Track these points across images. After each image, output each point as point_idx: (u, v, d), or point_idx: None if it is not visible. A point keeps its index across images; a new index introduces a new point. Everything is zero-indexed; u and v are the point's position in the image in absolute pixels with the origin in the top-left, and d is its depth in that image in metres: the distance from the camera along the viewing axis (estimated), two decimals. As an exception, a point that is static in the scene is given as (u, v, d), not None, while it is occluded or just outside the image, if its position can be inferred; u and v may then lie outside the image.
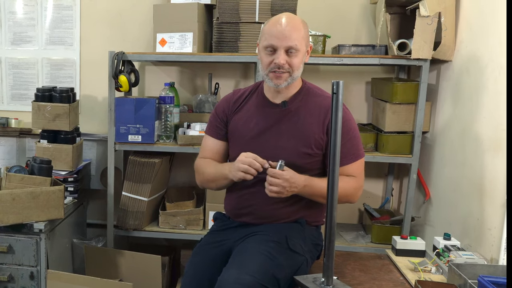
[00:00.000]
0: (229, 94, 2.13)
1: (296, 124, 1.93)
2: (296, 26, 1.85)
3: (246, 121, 2.00)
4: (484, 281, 1.54)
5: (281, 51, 1.84)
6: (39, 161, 2.54)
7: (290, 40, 1.83)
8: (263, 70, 1.91)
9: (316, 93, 1.98)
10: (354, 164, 1.93)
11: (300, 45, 1.85)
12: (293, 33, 1.83)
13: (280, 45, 1.84)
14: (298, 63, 1.86)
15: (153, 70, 3.18)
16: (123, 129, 2.74)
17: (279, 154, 1.89)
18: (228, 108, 2.06)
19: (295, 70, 1.87)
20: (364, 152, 1.98)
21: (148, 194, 2.80)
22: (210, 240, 2.02)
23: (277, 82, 1.88)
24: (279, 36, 1.83)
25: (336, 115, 1.57)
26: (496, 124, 2.04)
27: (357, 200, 1.97)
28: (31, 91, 2.99)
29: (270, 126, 1.95)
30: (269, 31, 1.87)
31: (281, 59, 1.84)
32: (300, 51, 1.86)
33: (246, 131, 1.99)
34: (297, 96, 1.96)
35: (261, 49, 1.90)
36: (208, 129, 2.12)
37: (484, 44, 2.20)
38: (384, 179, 3.08)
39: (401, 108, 2.63)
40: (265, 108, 1.98)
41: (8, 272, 2.54)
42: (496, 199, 1.99)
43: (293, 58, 1.85)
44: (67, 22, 3.18)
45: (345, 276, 2.02)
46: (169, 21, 2.74)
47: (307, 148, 1.91)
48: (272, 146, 1.93)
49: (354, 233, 2.91)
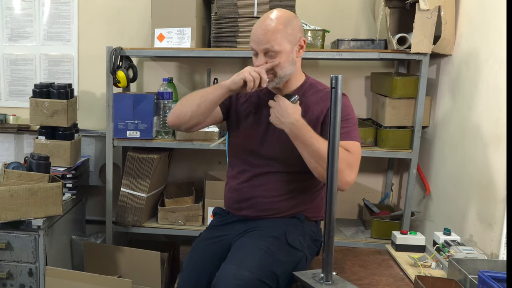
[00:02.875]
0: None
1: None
2: (274, 27, 1.81)
3: (250, 111, 2.00)
4: (484, 276, 1.53)
5: (260, 54, 1.85)
6: (37, 157, 2.53)
7: (266, 42, 1.82)
8: None
9: (318, 89, 1.97)
10: (350, 142, 1.83)
11: (279, 45, 1.82)
12: (270, 35, 1.81)
13: (258, 48, 1.85)
14: (282, 63, 1.84)
15: (151, 65, 3.16)
16: (122, 125, 2.73)
17: (280, 147, 1.91)
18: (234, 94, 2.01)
19: (278, 70, 1.85)
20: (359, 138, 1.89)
21: (147, 190, 2.79)
22: (209, 235, 2.02)
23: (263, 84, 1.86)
24: (256, 40, 1.85)
25: (335, 109, 1.56)
26: (496, 118, 2.02)
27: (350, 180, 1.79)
28: (29, 87, 2.98)
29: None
30: (251, 34, 1.88)
31: (259, 62, 1.84)
32: (281, 52, 1.82)
33: (248, 122, 2.00)
34: (300, 90, 1.95)
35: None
36: None
37: (484, 38, 2.18)
38: (383, 174, 3.07)
39: (400, 103, 2.62)
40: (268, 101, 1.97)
41: (7, 269, 2.54)
42: (497, 194, 1.98)
43: (275, 59, 1.83)
44: (64, 18, 3.17)
45: (344, 271, 2.01)
46: (167, 16, 2.72)
47: None
48: (273, 138, 1.93)
49: (354, 229, 2.91)
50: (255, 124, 1.98)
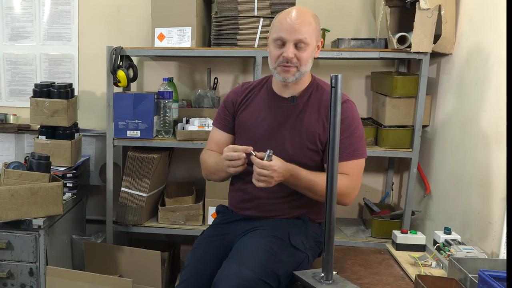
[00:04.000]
0: (238, 87, 2.12)
1: (303, 120, 1.91)
2: (307, 19, 1.82)
3: (254, 115, 1.99)
4: (484, 275, 1.53)
5: (290, 44, 1.81)
6: (37, 157, 2.53)
7: (299, 33, 1.80)
8: (272, 64, 1.89)
9: (325, 90, 1.95)
10: (350, 163, 1.86)
11: (310, 39, 1.82)
12: (303, 26, 1.80)
13: (289, 38, 1.81)
14: (307, 57, 1.84)
15: (152, 65, 3.16)
16: (122, 124, 2.73)
17: (285, 149, 1.89)
18: (236, 101, 2.05)
19: (303, 64, 1.84)
20: (365, 153, 1.91)
21: (147, 189, 2.79)
22: (212, 233, 2.01)
23: (285, 76, 1.86)
24: (289, 29, 1.81)
25: (335, 109, 1.56)
26: (497, 117, 2.02)
27: (350, 202, 1.89)
28: (29, 87, 2.98)
29: (278, 121, 1.94)
30: (279, 24, 1.84)
31: (289, 53, 1.81)
32: (309, 45, 1.82)
33: (254, 125, 1.98)
34: (306, 92, 1.94)
35: (271, 41, 1.88)
36: (215, 121, 2.12)
37: (485, 37, 2.18)
38: (384, 173, 3.07)
39: (401, 102, 2.62)
40: (274, 103, 1.97)
41: (8, 268, 2.54)
42: (497, 193, 1.98)
43: (302, 52, 1.82)
44: (65, 17, 3.17)
45: (345, 271, 2.01)
46: (167, 16, 2.72)
47: (312, 144, 1.90)
48: (278, 140, 1.92)
49: (354, 228, 2.91)
50: (259, 126, 1.97)
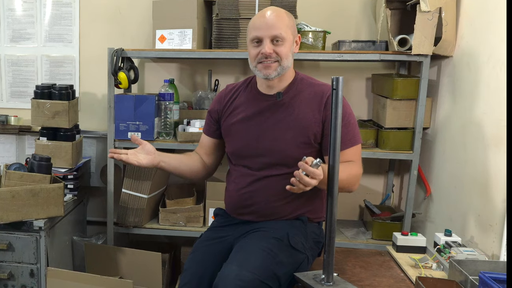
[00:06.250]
0: (222, 91, 2.14)
1: (292, 115, 1.92)
2: (280, 15, 1.87)
3: (240, 115, 2.00)
4: (485, 277, 1.53)
5: (266, 40, 1.85)
6: (38, 158, 2.54)
7: (274, 29, 1.84)
8: (252, 63, 1.92)
9: (311, 83, 1.97)
10: (352, 149, 1.90)
11: (286, 33, 1.85)
12: (276, 22, 1.84)
13: (264, 35, 1.85)
14: (286, 51, 1.86)
15: (153, 66, 3.17)
16: (123, 126, 2.74)
17: (277, 146, 1.90)
18: (220, 107, 2.08)
19: (284, 58, 1.86)
20: (360, 139, 1.95)
21: (148, 191, 2.79)
22: (210, 236, 2.01)
23: (267, 73, 1.87)
24: (263, 27, 1.85)
25: (336, 111, 1.56)
26: (497, 120, 2.03)
27: (356, 188, 1.92)
28: (31, 89, 2.99)
29: (266, 118, 1.95)
30: (253, 24, 1.89)
31: (267, 48, 1.84)
32: (286, 40, 1.86)
33: (242, 127, 1.99)
34: (291, 87, 1.95)
35: (249, 43, 1.92)
36: (203, 127, 2.19)
37: (485, 40, 2.18)
38: (384, 175, 3.07)
39: (401, 104, 2.62)
40: (259, 102, 1.98)
41: (8, 269, 2.54)
42: (497, 195, 1.98)
43: (280, 47, 1.85)
44: (66, 19, 3.17)
45: (345, 272, 2.01)
46: (168, 18, 2.73)
47: (304, 137, 1.90)
48: (269, 138, 1.93)
49: (355, 230, 2.91)
50: (248, 127, 1.98)
